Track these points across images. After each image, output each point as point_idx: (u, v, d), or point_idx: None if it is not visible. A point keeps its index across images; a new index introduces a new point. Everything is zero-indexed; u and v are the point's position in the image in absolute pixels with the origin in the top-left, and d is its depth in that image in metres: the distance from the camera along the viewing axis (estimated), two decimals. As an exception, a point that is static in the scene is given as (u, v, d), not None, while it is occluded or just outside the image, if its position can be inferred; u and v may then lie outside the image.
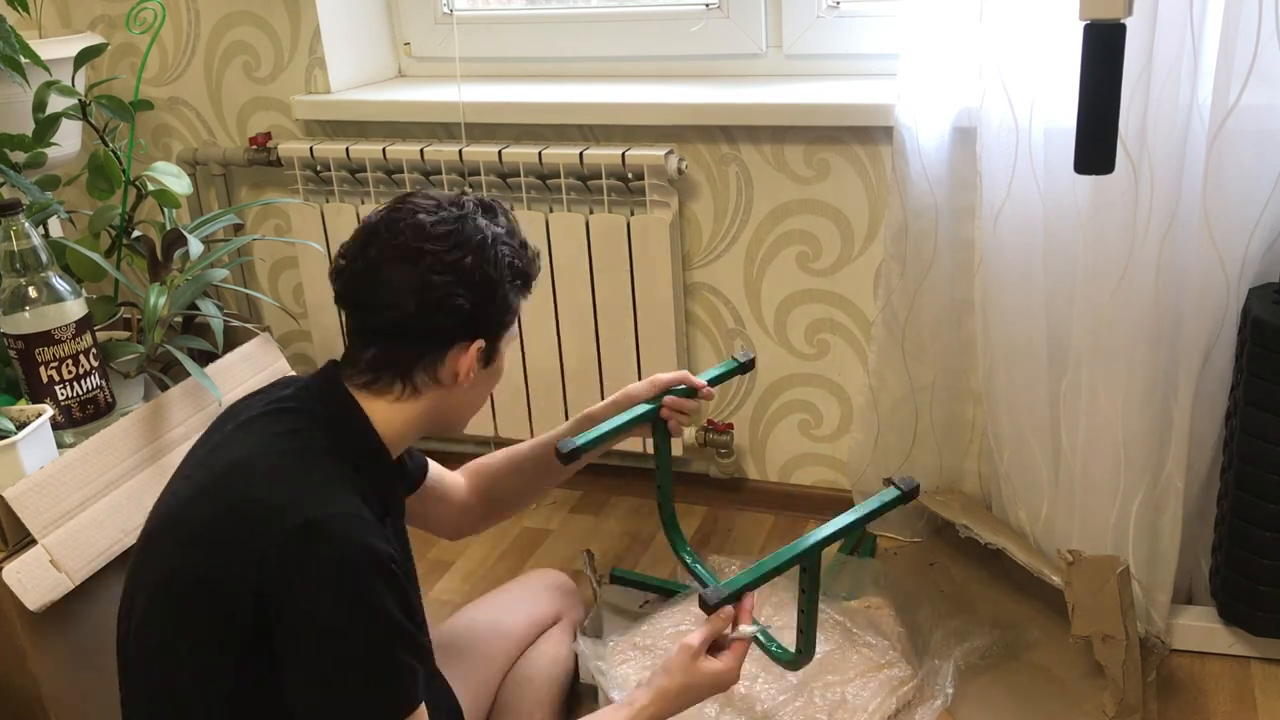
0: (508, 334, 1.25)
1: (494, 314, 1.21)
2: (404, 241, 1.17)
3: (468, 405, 1.28)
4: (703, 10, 2.01)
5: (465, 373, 1.20)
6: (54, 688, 1.40)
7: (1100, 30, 1.12)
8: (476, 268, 1.18)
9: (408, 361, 1.20)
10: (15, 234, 1.40)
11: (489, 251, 1.19)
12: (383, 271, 1.17)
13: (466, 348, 1.19)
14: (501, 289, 1.20)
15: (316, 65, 2.12)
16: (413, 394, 1.21)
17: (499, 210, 1.25)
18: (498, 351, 1.24)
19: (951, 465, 1.95)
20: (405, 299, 1.16)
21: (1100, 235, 1.54)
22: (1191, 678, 1.64)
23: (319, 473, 1.14)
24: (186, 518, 1.14)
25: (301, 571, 1.06)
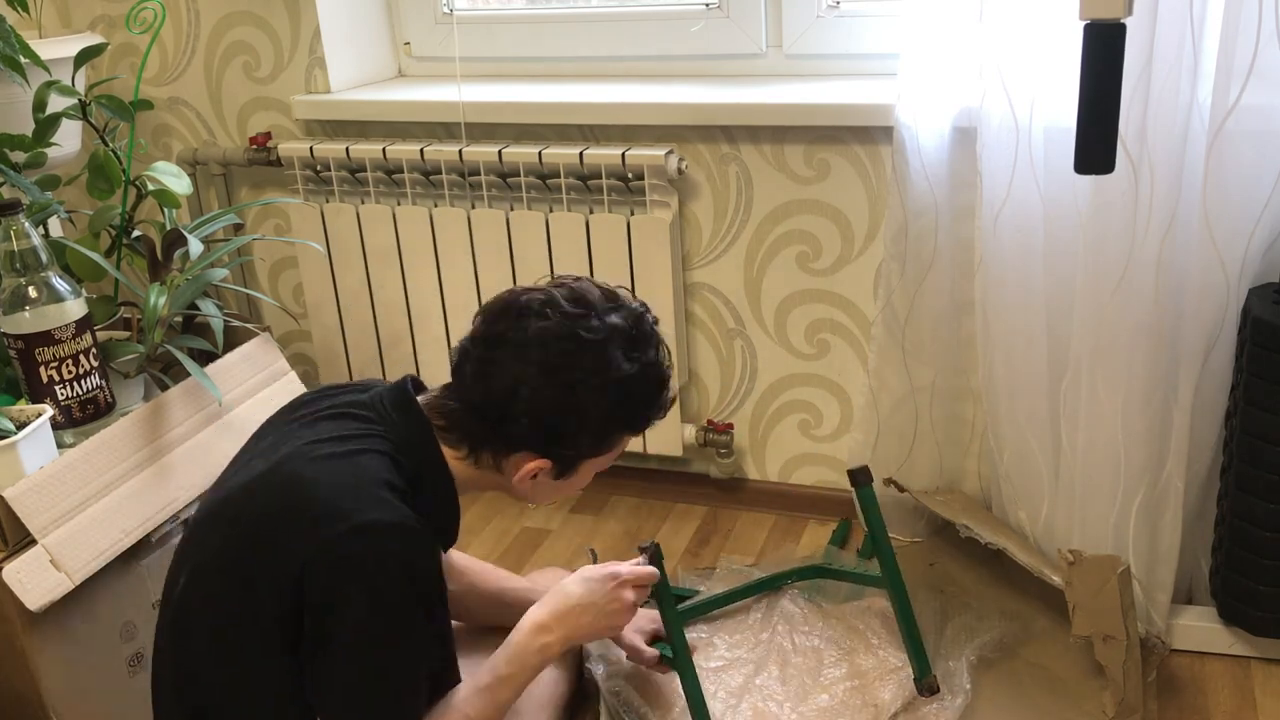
0: (593, 459, 1.24)
1: (569, 446, 1.20)
2: (527, 340, 1.16)
3: (533, 498, 1.29)
4: (703, 10, 2.01)
5: (523, 479, 1.21)
6: (54, 688, 1.40)
7: (1100, 30, 1.12)
8: (573, 397, 1.16)
9: (478, 437, 1.20)
10: (15, 234, 1.40)
11: (601, 389, 1.16)
12: (495, 349, 1.17)
13: (531, 460, 1.20)
14: (592, 429, 1.19)
15: (316, 65, 2.12)
16: (475, 463, 1.22)
17: (650, 337, 1.20)
18: (574, 471, 1.24)
19: (952, 465, 1.95)
20: (495, 388, 1.16)
21: (1100, 235, 1.54)
22: (1191, 678, 1.64)
23: (378, 483, 1.13)
24: (243, 506, 1.16)
25: (346, 570, 1.08)
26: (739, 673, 1.61)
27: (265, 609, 1.10)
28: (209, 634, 1.15)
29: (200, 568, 1.17)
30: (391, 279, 2.11)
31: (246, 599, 1.11)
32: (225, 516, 1.17)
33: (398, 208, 2.06)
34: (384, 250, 2.09)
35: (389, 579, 1.09)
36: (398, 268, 2.09)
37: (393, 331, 2.15)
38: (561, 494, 1.30)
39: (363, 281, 2.13)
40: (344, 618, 1.09)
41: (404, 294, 2.11)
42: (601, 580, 1.34)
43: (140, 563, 1.50)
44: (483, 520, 2.17)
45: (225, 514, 1.17)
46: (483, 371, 1.18)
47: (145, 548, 1.50)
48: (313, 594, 1.09)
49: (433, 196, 2.06)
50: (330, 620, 1.09)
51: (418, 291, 2.10)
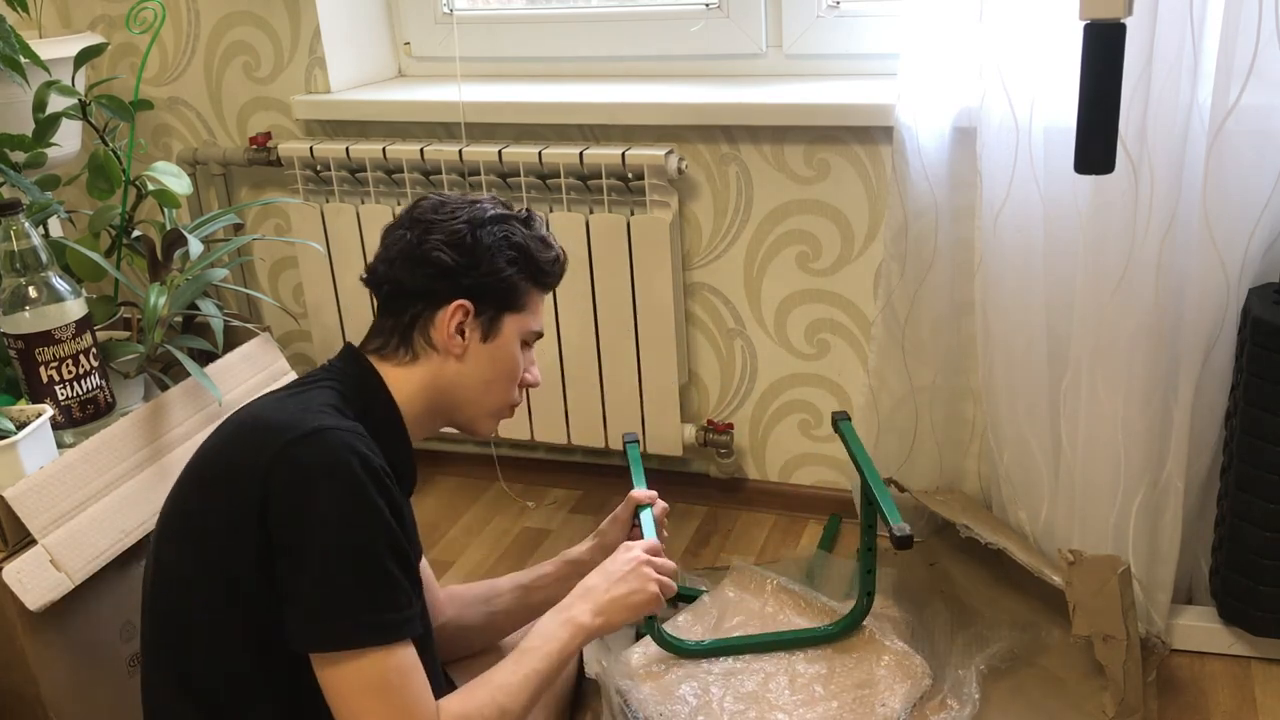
0: (513, 314, 1.29)
1: (483, 279, 1.26)
2: (415, 216, 1.29)
3: (474, 386, 1.29)
4: (703, 10, 2.01)
5: (450, 331, 1.25)
6: (54, 688, 1.40)
7: (1100, 30, 1.12)
8: (468, 233, 1.26)
9: (406, 322, 1.27)
10: (15, 234, 1.40)
11: (489, 225, 1.27)
12: (389, 240, 1.29)
13: (450, 305, 1.25)
14: (493, 258, 1.26)
15: (316, 65, 2.12)
16: (412, 358, 1.27)
17: (530, 213, 1.33)
18: (498, 328, 1.28)
19: (951, 465, 1.95)
20: (400, 257, 1.26)
21: (1100, 235, 1.54)
22: (1191, 678, 1.64)
23: (324, 406, 1.19)
24: (205, 458, 1.19)
25: (298, 472, 1.09)
26: (750, 679, 1.61)
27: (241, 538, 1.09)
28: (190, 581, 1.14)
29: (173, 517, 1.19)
30: (391, 279, 2.11)
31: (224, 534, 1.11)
32: (195, 474, 1.19)
33: (398, 208, 2.06)
34: (384, 250, 2.09)
35: (343, 469, 1.09)
36: (398, 268, 2.09)
37: (393, 331, 2.15)
38: (498, 380, 1.30)
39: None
40: (303, 511, 1.08)
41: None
42: (615, 554, 1.38)
43: (140, 563, 1.50)
44: (482, 521, 2.17)
45: (195, 471, 1.20)
46: (386, 252, 1.28)
47: (145, 548, 1.50)
48: (278, 515, 1.08)
49: (433, 196, 2.06)
50: (292, 519, 1.08)
51: (418, 291, 2.10)
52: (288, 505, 1.09)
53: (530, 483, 2.27)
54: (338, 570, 1.08)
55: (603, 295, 1.99)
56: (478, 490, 2.27)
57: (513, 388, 1.32)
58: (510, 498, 2.24)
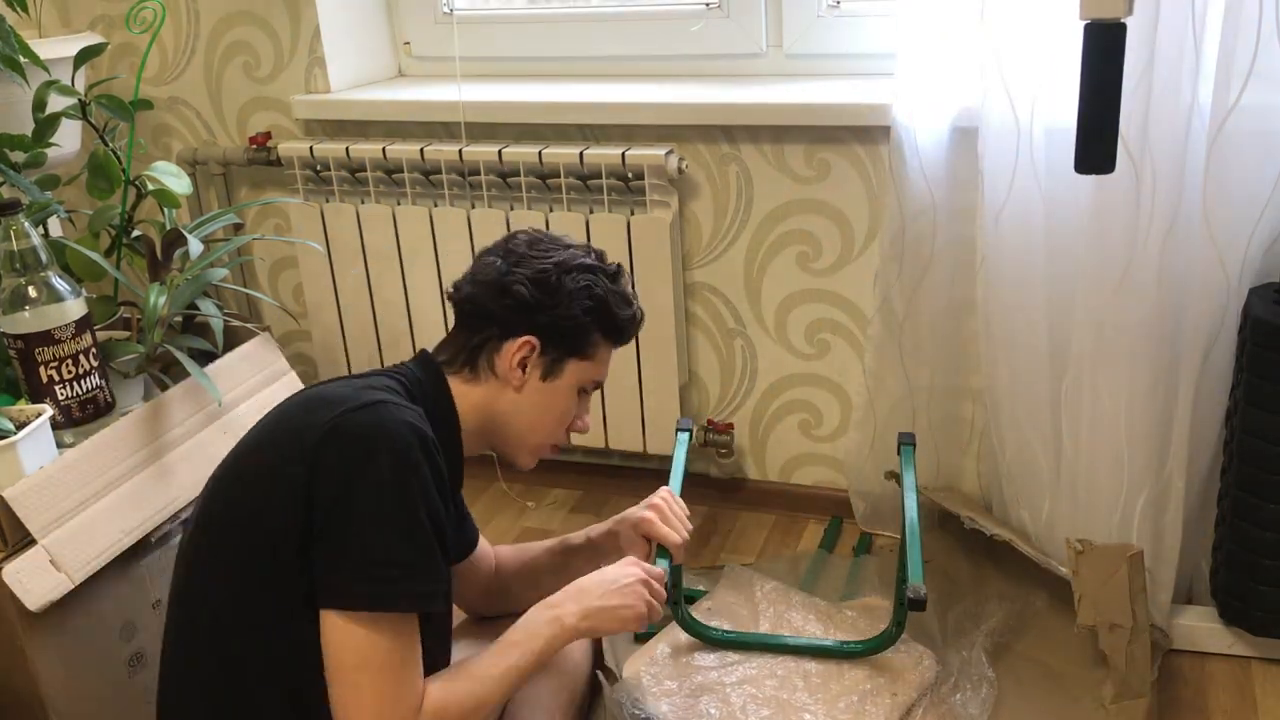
0: (577, 360, 1.32)
1: (555, 321, 1.30)
2: (510, 246, 1.33)
3: (524, 419, 1.33)
4: (703, 10, 2.01)
5: (512, 364, 1.29)
6: (54, 688, 1.39)
7: (1101, 30, 1.12)
8: (553, 274, 1.29)
9: (476, 343, 1.31)
10: (15, 234, 1.40)
11: (573, 273, 1.30)
12: (481, 263, 1.33)
13: (518, 339, 1.29)
14: (570, 304, 1.30)
15: (316, 65, 2.12)
16: (474, 378, 1.31)
17: (615, 265, 1.36)
18: (560, 369, 1.32)
19: (949, 465, 1.95)
20: (486, 281, 1.31)
21: (1101, 235, 1.54)
22: (1191, 678, 1.64)
23: (389, 388, 1.22)
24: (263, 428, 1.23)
25: (353, 435, 1.12)
26: (766, 684, 1.61)
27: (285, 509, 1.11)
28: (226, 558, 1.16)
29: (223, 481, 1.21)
30: (391, 279, 2.11)
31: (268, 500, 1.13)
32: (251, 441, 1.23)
33: (397, 208, 2.06)
34: (384, 250, 2.09)
35: (403, 441, 1.13)
36: (398, 268, 2.09)
37: (393, 331, 2.15)
38: (548, 417, 1.34)
39: (363, 281, 2.13)
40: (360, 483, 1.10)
41: (404, 294, 2.11)
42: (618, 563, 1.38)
43: (140, 563, 1.50)
44: (482, 521, 2.17)
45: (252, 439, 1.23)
46: (474, 274, 1.33)
47: (145, 548, 1.50)
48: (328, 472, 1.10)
49: (433, 196, 2.06)
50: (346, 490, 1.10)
51: (417, 291, 2.10)
52: (340, 464, 1.11)
53: (530, 483, 2.27)
54: (379, 533, 1.10)
55: (603, 295, 1.98)
56: (478, 490, 2.27)
57: (560, 430, 1.36)
58: (510, 498, 2.24)
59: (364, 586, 1.10)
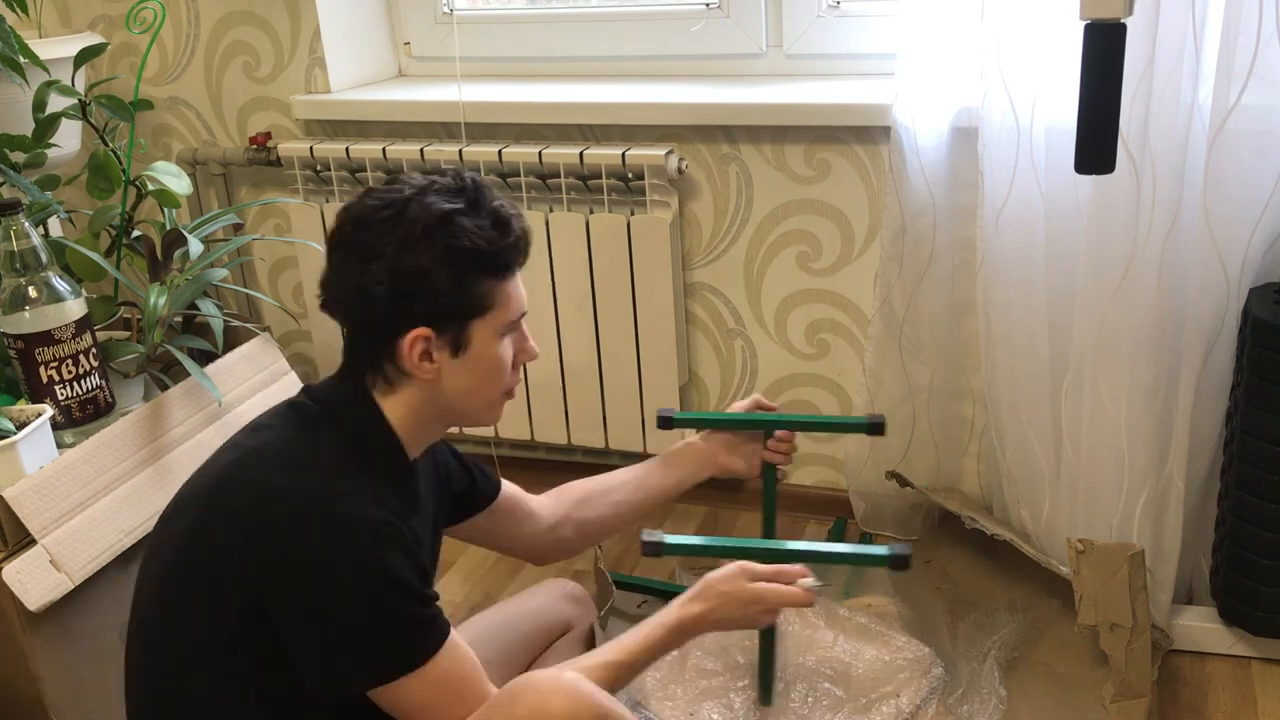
0: (479, 319, 1.17)
1: (432, 302, 1.14)
2: (347, 233, 1.17)
3: (459, 395, 1.21)
4: (703, 10, 2.01)
5: (412, 363, 1.16)
6: (54, 688, 1.39)
7: (1101, 30, 1.12)
8: (404, 253, 1.13)
9: (371, 355, 1.19)
10: (15, 234, 1.40)
11: (426, 235, 1.13)
12: (333, 263, 1.18)
13: (407, 336, 1.15)
14: (438, 275, 1.13)
15: (316, 65, 2.12)
16: (389, 387, 1.20)
17: (469, 184, 1.18)
18: (466, 339, 1.18)
19: (949, 465, 1.95)
20: (345, 289, 1.17)
21: (1102, 235, 1.54)
22: (1192, 678, 1.64)
23: (328, 459, 1.16)
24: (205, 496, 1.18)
25: (299, 548, 1.09)
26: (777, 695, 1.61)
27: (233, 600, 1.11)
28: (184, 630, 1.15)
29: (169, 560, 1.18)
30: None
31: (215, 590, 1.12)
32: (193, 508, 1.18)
33: (398, 208, 2.06)
34: (384, 250, 2.09)
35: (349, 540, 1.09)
36: (398, 268, 2.09)
37: (393, 331, 2.15)
38: (484, 381, 1.22)
39: (363, 281, 2.13)
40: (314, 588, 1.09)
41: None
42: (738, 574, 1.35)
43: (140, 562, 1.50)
44: (483, 520, 2.17)
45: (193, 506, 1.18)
46: (334, 281, 1.18)
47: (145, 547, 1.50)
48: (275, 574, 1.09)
49: (433, 196, 2.05)
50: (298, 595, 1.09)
51: (418, 291, 2.10)
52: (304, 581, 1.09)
53: (530, 483, 2.25)
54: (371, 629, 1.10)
55: (603, 295, 1.98)
56: (478, 490, 2.27)
57: (505, 377, 1.23)
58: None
59: (387, 661, 1.11)
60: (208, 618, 1.13)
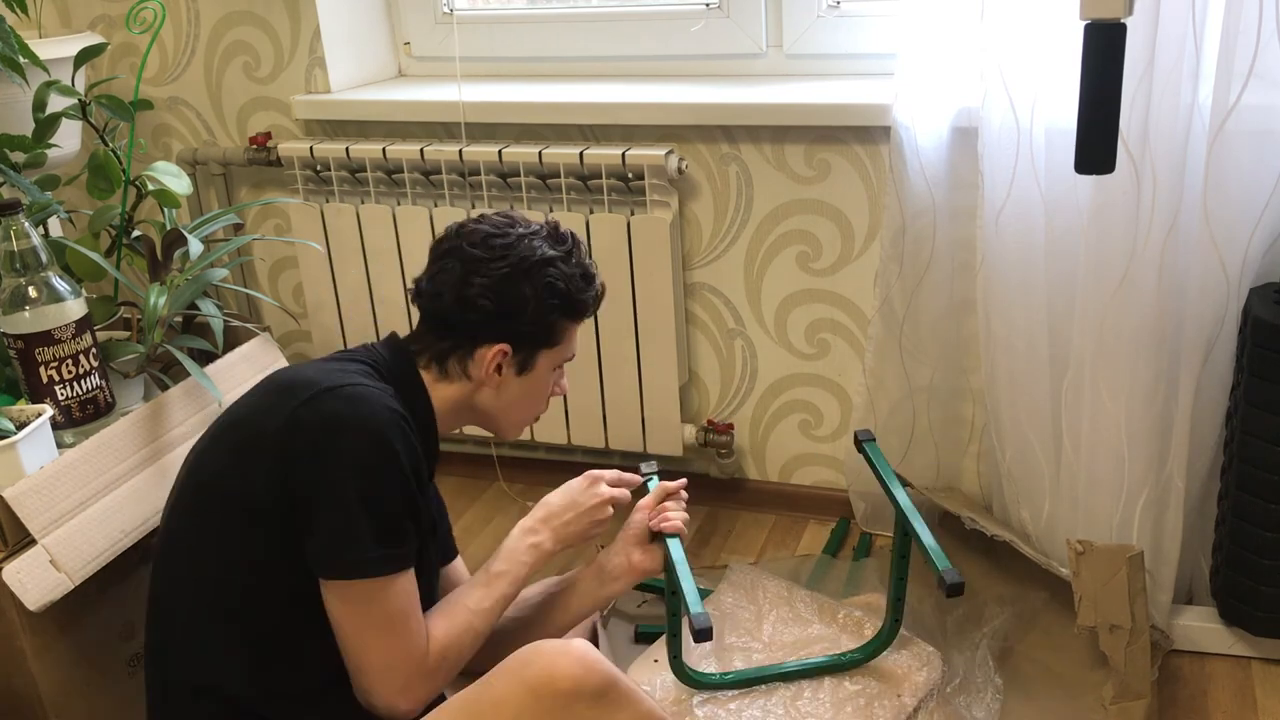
0: (548, 350, 1.37)
1: (522, 325, 1.33)
2: (461, 245, 1.34)
3: (505, 409, 1.39)
4: (703, 10, 2.01)
5: (487, 371, 1.33)
6: (54, 688, 1.39)
7: (1101, 30, 1.12)
8: (513, 280, 1.31)
9: (443, 347, 1.34)
10: (15, 234, 1.40)
11: (532, 270, 1.32)
12: (437, 267, 1.35)
13: (491, 348, 1.32)
14: (534, 305, 1.32)
15: (316, 65, 2.12)
16: (444, 378, 1.35)
17: (568, 239, 1.37)
18: (533, 364, 1.37)
19: (949, 465, 1.95)
20: (447, 291, 1.32)
21: (1102, 235, 1.54)
22: (1192, 678, 1.64)
23: (362, 371, 1.27)
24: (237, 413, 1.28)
25: (324, 417, 1.17)
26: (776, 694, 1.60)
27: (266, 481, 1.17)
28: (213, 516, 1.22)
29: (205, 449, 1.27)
30: (391, 279, 2.11)
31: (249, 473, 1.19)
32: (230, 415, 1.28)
33: (398, 208, 2.06)
34: (384, 250, 2.09)
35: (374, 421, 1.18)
36: (398, 268, 2.09)
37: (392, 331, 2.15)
38: (528, 401, 1.40)
39: (363, 281, 2.13)
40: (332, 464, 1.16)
41: (404, 294, 2.11)
42: (579, 481, 1.47)
43: (140, 563, 1.50)
44: (482, 521, 2.17)
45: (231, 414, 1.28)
46: (434, 280, 1.34)
47: (145, 548, 1.50)
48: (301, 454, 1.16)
49: (433, 196, 2.06)
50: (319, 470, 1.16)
51: (418, 291, 2.10)
52: (312, 446, 1.17)
53: (530, 483, 2.27)
54: (354, 510, 1.16)
55: (603, 295, 1.98)
56: (478, 490, 2.27)
57: (541, 406, 1.43)
58: (510, 498, 2.24)
59: (346, 558, 1.16)
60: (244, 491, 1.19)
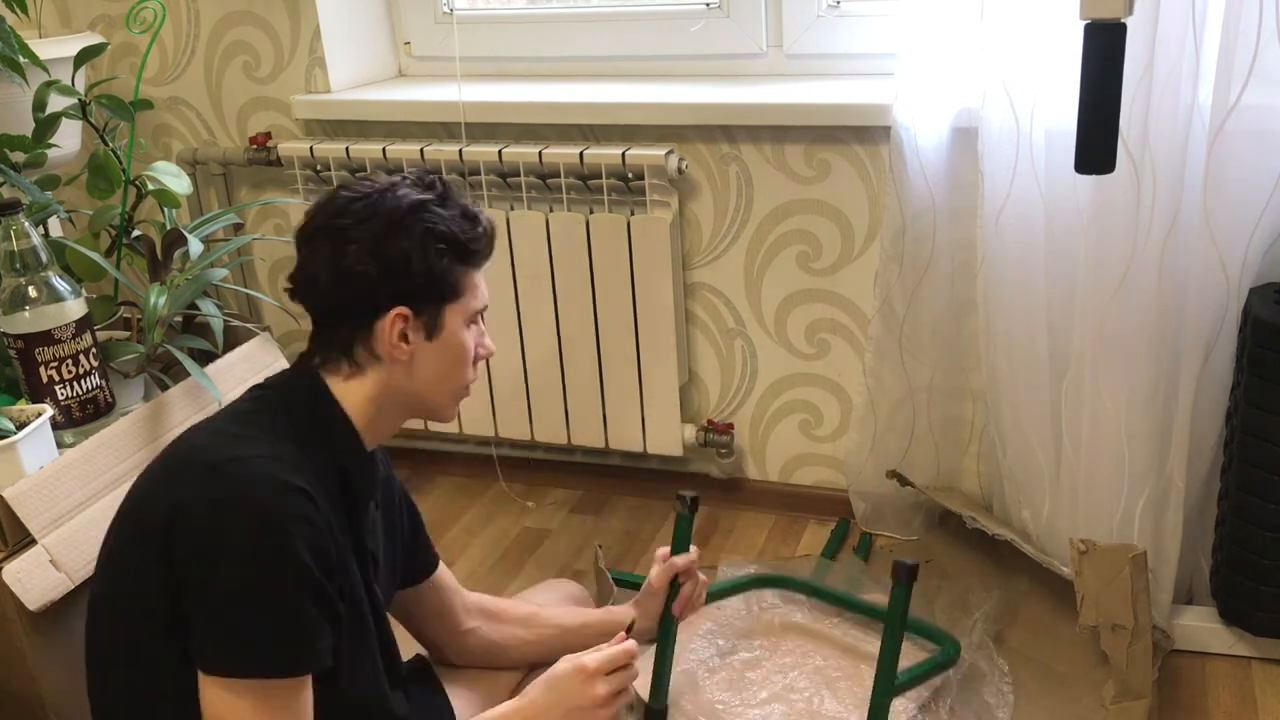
0: (451, 303, 1.22)
1: (412, 281, 1.19)
2: (322, 221, 1.21)
3: (428, 382, 1.24)
4: (703, 10, 2.01)
5: (391, 341, 1.19)
6: (54, 688, 1.39)
7: (1101, 30, 1.12)
8: (385, 236, 1.18)
9: (343, 337, 1.21)
10: (15, 234, 1.40)
11: (405, 219, 1.19)
12: (306, 252, 1.22)
13: (387, 315, 1.18)
14: (418, 255, 1.18)
15: (316, 65, 2.12)
16: (358, 370, 1.22)
17: (437, 183, 1.24)
18: (440, 322, 1.22)
19: (949, 465, 1.95)
20: (322, 273, 1.19)
21: (1102, 235, 1.54)
22: (1192, 678, 1.64)
23: (259, 432, 1.16)
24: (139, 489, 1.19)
25: (204, 505, 1.09)
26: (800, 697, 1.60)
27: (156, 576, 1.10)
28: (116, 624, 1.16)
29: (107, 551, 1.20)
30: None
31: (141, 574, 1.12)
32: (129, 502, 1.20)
33: (398, 208, 2.06)
34: (384, 250, 2.09)
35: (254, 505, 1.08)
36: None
37: (393, 331, 2.15)
38: (450, 369, 1.25)
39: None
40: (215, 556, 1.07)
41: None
42: (569, 677, 1.29)
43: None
44: (483, 520, 2.17)
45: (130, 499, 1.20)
46: (306, 267, 1.21)
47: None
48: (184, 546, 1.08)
49: (433, 196, 2.05)
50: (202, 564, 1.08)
51: (418, 291, 2.10)
52: (193, 538, 1.08)
53: (530, 483, 2.27)
54: (240, 602, 1.07)
55: (603, 295, 1.98)
56: (478, 490, 2.27)
57: (466, 370, 1.27)
58: (510, 498, 2.24)
59: (231, 653, 1.08)
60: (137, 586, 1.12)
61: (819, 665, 1.64)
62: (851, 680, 1.61)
